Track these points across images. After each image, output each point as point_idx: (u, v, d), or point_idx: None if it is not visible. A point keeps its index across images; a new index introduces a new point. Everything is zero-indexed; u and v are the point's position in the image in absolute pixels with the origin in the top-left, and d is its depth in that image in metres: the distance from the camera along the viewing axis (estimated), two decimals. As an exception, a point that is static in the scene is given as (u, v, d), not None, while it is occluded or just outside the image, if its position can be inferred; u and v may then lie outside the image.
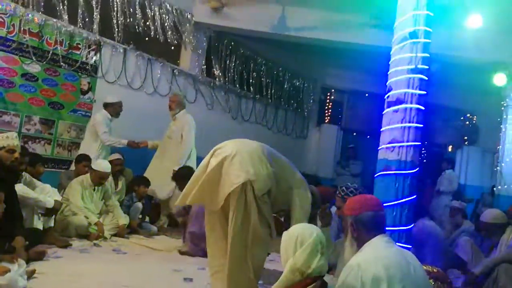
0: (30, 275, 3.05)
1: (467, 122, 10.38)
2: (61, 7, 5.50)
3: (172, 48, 7.06)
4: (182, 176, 4.58)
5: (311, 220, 5.41)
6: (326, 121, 10.62)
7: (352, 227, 2.11)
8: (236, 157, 2.84)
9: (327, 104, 10.68)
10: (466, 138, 10.26)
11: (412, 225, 3.87)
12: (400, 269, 1.88)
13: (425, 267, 3.38)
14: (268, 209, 2.91)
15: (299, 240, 2.03)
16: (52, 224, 4.28)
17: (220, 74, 7.89)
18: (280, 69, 9.30)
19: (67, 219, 4.67)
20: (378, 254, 1.93)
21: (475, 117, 10.34)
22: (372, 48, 6.69)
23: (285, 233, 2.12)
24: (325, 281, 2.02)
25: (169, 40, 6.87)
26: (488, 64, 6.91)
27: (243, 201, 2.77)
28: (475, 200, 8.45)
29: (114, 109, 5.72)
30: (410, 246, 3.76)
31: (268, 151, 3.18)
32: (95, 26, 5.89)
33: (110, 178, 5.36)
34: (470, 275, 3.72)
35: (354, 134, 10.75)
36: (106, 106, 5.70)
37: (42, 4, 5.33)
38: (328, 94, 10.66)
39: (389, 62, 4.15)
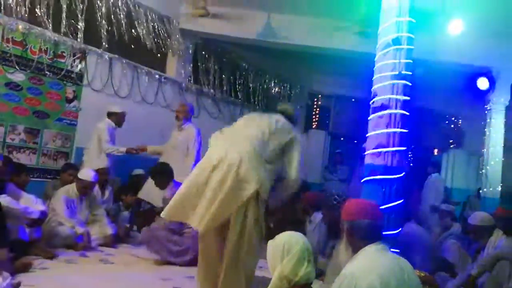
0: (16, 287, 2.99)
1: (452, 126, 10.52)
2: (46, 15, 5.45)
3: (159, 55, 7.05)
4: (160, 172, 4.70)
5: (299, 223, 5.47)
6: (313, 127, 10.66)
7: (347, 232, 2.11)
8: (242, 167, 2.82)
9: (314, 110, 10.73)
10: (451, 141, 10.39)
11: (400, 229, 3.91)
12: (394, 277, 1.88)
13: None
14: (262, 211, 2.91)
15: (286, 248, 2.04)
16: (39, 235, 4.22)
17: (207, 81, 7.90)
18: (267, 75, 9.34)
19: (53, 229, 4.60)
20: (372, 263, 1.93)
21: (460, 120, 10.49)
22: (358, 54, 6.77)
23: (271, 241, 2.12)
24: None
25: (155, 48, 6.86)
26: (471, 68, 7.02)
27: (244, 209, 2.78)
28: (462, 203, 8.54)
29: (117, 118, 5.74)
30: (398, 250, 3.79)
31: (260, 141, 3.11)
32: (80, 34, 5.85)
33: (97, 187, 5.31)
34: (468, 277, 3.74)
35: (342, 139, 10.80)
36: (110, 115, 5.70)
37: (26, 12, 5.28)
38: (315, 99, 10.72)
39: (374, 68, 4.20)
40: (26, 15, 5.29)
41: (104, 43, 6.19)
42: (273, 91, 9.53)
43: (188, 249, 4.36)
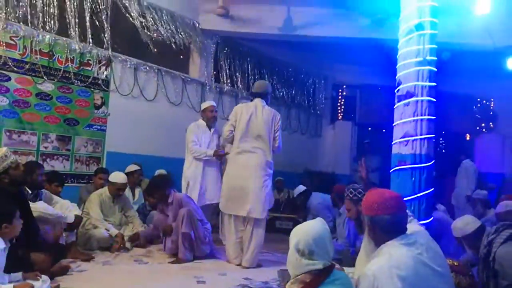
0: (55, 290, 3.12)
1: (484, 109, 10.19)
2: (71, 25, 5.60)
3: (181, 57, 7.13)
4: (154, 188, 4.75)
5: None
6: (339, 118, 10.55)
7: (369, 227, 2.08)
8: None
9: (340, 101, 10.61)
10: (484, 125, 10.08)
11: (431, 218, 3.84)
12: (417, 276, 1.85)
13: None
14: None
15: (291, 242, 2.09)
16: (74, 239, 4.38)
17: (229, 79, 7.94)
18: (290, 69, 9.30)
19: (88, 232, 4.75)
20: (393, 263, 1.87)
21: (492, 103, 10.16)
22: (380, 42, 6.65)
23: None
24: (328, 268, 1.99)
25: (178, 50, 6.94)
26: (500, 49, 6.77)
27: None
28: (497, 188, 8.29)
29: (205, 114, 5.44)
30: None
31: None
32: (106, 42, 5.98)
33: (128, 189, 5.45)
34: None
35: (369, 129, 10.64)
36: (201, 113, 5.56)
37: (52, 24, 5.43)
38: (340, 90, 10.59)
39: (397, 56, 4.12)
40: (52, 26, 5.44)
41: (128, 49, 6.31)
42: (297, 84, 9.48)
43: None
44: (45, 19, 5.36)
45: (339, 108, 10.60)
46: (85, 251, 4.52)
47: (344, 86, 10.59)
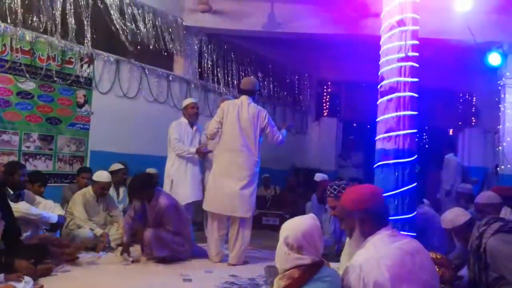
0: (39, 291, 3.08)
1: (466, 104, 10.35)
2: (52, 22, 5.51)
3: (165, 54, 7.08)
4: (140, 186, 4.49)
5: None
6: (324, 114, 10.62)
7: (359, 221, 2.07)
8: None
9: (325, 97, 10.67)
10: (466, 120, 10.23)
11: (415, 212, 3.89)
12: (403, 267, 1.86)
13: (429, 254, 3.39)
14: None
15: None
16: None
17: (214, 76, 7.91)
18: (275, 66, 9.31)
19: (72, 232, 4.71)
20: (380, 254, 1.89)
21: (474, 98, 10.31)
22: (364, 38, 6.69)
23: None
24: (316, 263, 1.99)
25: (161, 47, 6.89)
26: (481, 44, 6.87)
27: None
28: (480, 181, 8.43)
29: (186, 111, 5.38)
30: (414, 234, 3.78)
31: None
32: (87, 39, 5.90)
33: (112, 188, 5.40)
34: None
35: (354, 125, 10.74)
36: (183, 111, 5.51)
37: (32, 21, 5.34)
38: (325, 87, 10.65)
39: (380, 52, 4.15)
40: (33, 24, 5.34)
41: (110, 46, 6.24)
42: (282, 81, 9.49)
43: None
44: (25, 16, 5.26)
45: (324, 104, 10.66)
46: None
47: (329, 83, 10.65)
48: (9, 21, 5.11)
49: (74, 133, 5.88)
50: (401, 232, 3.45)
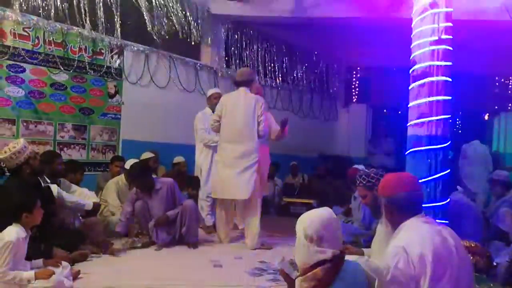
0: (76, 276, 3.19)
1: (503, 88, 9.96)
2: (82, 14, 5.61)
3: (193, 43, 7.11)
4: (139, 174, 4.49)
5: (343, 201, 5.52)
6: (354, 101, 10.45)
7: (386, 209, 2.06)
8: None
9: (354, 83, 10.49)
10: (502, 104, 9.87)
11: (448, 200, 3.80)
12: (443, 248, 1.85)
13: (462, 242, 3.32)
14: None
15: (297, 234, 2.05)
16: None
17: (241, 64, 7.89)
18: (303, 52, 9.19)
19: (106, 219, 4.84)
20: (419, 235, 1.88)
21: (510, 81, 9.91)
22: (395, 21, 6.50)
23: None
24: (338, 261, 1.95)
25: (188, 36, 6.91)
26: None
27: None
28: (516, 168, 8.13)
29: (210, 101, 5.41)
30: (447, 221, 3.70)
31: None
32: (116, 30, 5.98)
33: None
34: None
35: (385, 111, 10.53)
36: (207, 100, 5.61)
37: (64, 14, 5.45)
38: (354, 72, 10.46)
39: (411, 35, 4.04)
40: (64, 16, 5.45)
41: (139, 37, 6.31)
42: (310, 68, 9.38)
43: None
44: (57, 9, 5.38)
45: (353, 90, 10.48)
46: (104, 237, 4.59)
47: (359, 68, 10.45)
48: (41, 14, 5.25)
49: (106, 123, 6.02)
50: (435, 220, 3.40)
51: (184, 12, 6.81)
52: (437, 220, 3.61)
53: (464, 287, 1.82)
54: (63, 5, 5.41)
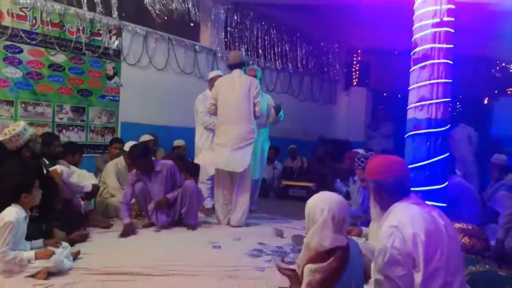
0: (76, 256, 3.22)
1: (503, 71, 9.91)
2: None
3: (192, 24, 7.03)
4: (142, 155, 4.41)
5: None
6: (354, 84, 10.39)
7: (374, 192, 2.07)
8: None
9: (354, 66, 10.42)
10: (502, 88, 9.83)
11: (446, 183, 3.81)
12: (433, 229, 1.86)
13: (459, 225, 3.35)
14: None
15: (311, 216, 1.99)
16: (92, 208, 4.48)
17: (240, 46, 7.83)
18: (303, 34, 9.10)
19: (106, 201, 4.87)
20: (413, 215, 1.89)
21: (511, 66, 9.85)
22: (396, 3, 6.41)
23: (307, 202, 2.09)
24: (347, 250, 1.96)
25: (187, 17, 6.83)
26: (522, 8, 6.49)
27: None
28: (515, 152, 8.14)
29: (212, 84, 5.24)
30: (446, 205, 3.72)
31: None
32: (114, 11, 5.91)
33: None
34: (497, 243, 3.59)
35: (384, 94, 10.48)
36: (209, 82, 5.57)
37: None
38: (354, 55, 10.38)
39: (413, 17, 4.00)
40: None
41: (137, 18, 6.24)
42: (309, 50, 9.30)
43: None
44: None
45: (353, 73, 10.42)
46: (104, 219, 4.62)
47: (359, 51, 10.36)
48: (38, -6, 5.17)
49: (105, 105, 5.99)
50: (428, 202, 3.42)
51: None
52: (436, 203, 3.64)
53: (453, 266, 1.84)
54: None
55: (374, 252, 1.94)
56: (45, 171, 3.87)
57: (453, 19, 3.83)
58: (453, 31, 3.83)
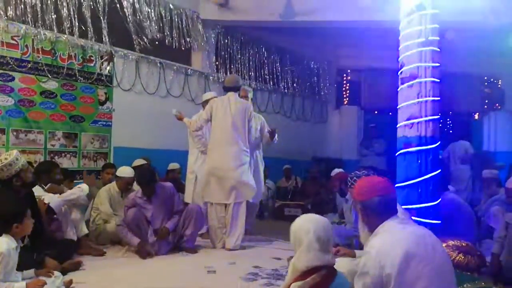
0: (68, 285, 3.16)
1: (492, 87, 10.07)
2: (71, 22, 5.59)
3: (183, 48, 7.11)
4: (149, 179, 4.45)
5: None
6: (345, 103, 10.50)
7: (361, 213, 2.10)
8: None
9: (344, 86, 10.54)
10: (491, 103, 9.97)
11: (439, 200, 3.82)
12: (418, 249, 1.86)
13: (453, 242, 3.35)
14: None
15: (298, 239, 2.07)
16: (86, 231, 4.41)
17: (231, 69, 7.90)
18: (293, 56, 9.23)
19: (99, 227, 4.81)
20: (395, 237, 1.91)
21: (499, 81, 10.03)
22: (383, 24, 6.55)
23: (292, 225, 2.14)
24: (332, 269, 2.01)
25: (179, 42, 6.91)
26: (505, 26, 6.64)
27: None
28: (507, 166, 8.21)
29: (206, 105, 5.25)
30: (440, 222, 3.72)
31: None
32: (105, 37, 5.97)
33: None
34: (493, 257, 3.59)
35: (375, 112, 10.57)
36: (203, 104, 5.60)
37: (52, 21, 5.42)
38: (344, 75, 10.51)
39: (399, 38, 4.08)
40: (53, 24, 5.43)
41: (129, 43, 6.30)
42: (301, 71, 9.41)
43: None
44: (45, 17, 5.36)
45: (344, 93, 10.53)
46: (97, 246, 4.57)
47: (349, 71, 10.50)
48: (30, 22, 5.22)
49: (97, 130, 5.99)
50: (416, 219, 3.42)
51: (173, 18, 6.81)
52: (430, 221, 3.65)
53: (444, 284, 1.84)
54: (51, 13, 5.39)
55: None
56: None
57: (438, 38, 3.91)
58: (438, 49, 3.91)
